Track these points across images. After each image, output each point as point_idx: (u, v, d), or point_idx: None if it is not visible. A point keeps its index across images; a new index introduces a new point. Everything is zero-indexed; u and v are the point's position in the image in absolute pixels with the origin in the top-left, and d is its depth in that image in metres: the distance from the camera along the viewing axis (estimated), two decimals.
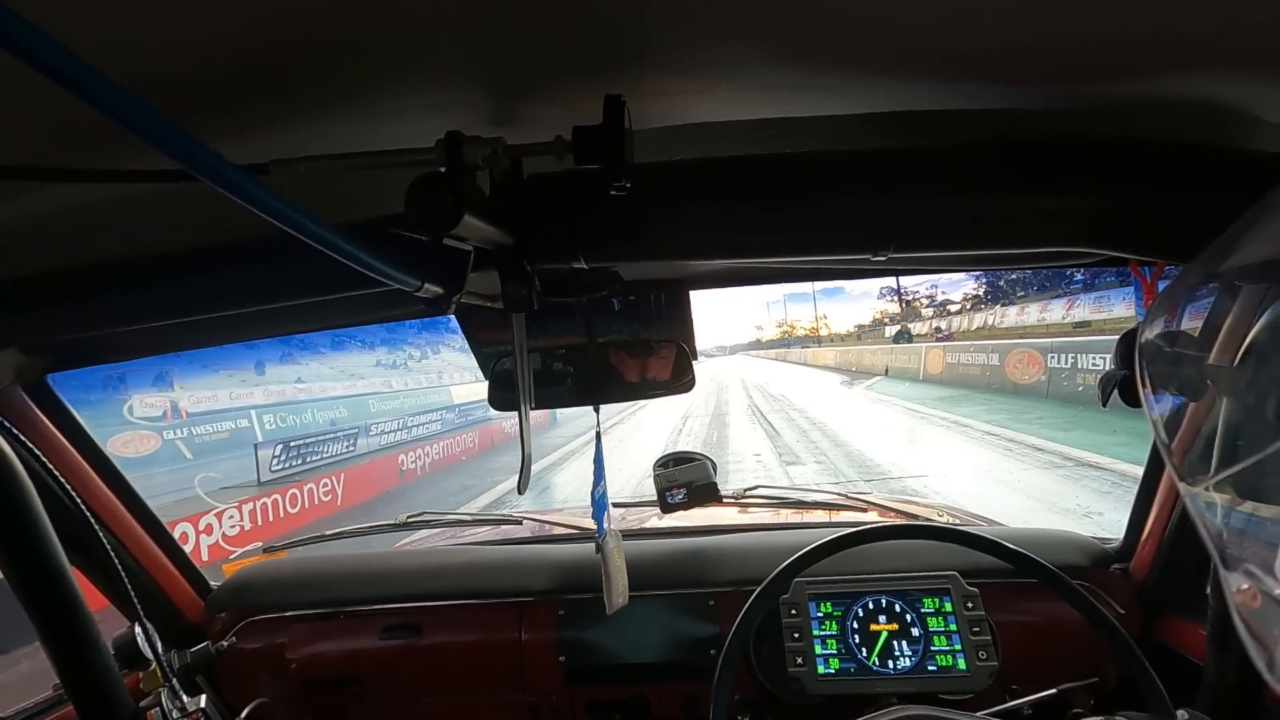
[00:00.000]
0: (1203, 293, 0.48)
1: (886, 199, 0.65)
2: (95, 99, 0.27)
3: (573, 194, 0.66)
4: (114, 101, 0.28)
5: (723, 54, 0.53)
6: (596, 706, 1.41)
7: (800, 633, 1.23)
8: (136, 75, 0.45)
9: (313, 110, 0.56)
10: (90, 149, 0.54)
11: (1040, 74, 0.57)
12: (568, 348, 1.25)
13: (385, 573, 1.54)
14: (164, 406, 15.08)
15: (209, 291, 0.78)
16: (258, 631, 1.48)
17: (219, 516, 8.08)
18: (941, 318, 43.67)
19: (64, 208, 0.65)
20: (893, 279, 40.73)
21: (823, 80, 0.58)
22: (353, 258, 0.48)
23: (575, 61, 0.53)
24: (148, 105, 0.29)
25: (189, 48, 0.44)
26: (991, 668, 1.16)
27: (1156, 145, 0.64)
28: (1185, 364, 0.49)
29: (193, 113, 0.52)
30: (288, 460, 13.06)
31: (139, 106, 0.29)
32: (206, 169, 0.34)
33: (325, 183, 0.60)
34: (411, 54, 0.50)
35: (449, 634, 1.42)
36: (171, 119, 0.31)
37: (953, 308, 46.02)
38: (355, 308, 1.01)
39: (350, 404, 19.60)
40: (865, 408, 16.67)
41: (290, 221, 0.41)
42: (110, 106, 0.28)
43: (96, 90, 0.27)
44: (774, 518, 1.79)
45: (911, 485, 7.78)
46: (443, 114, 0.59)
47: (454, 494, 10.79)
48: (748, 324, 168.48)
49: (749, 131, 0.67)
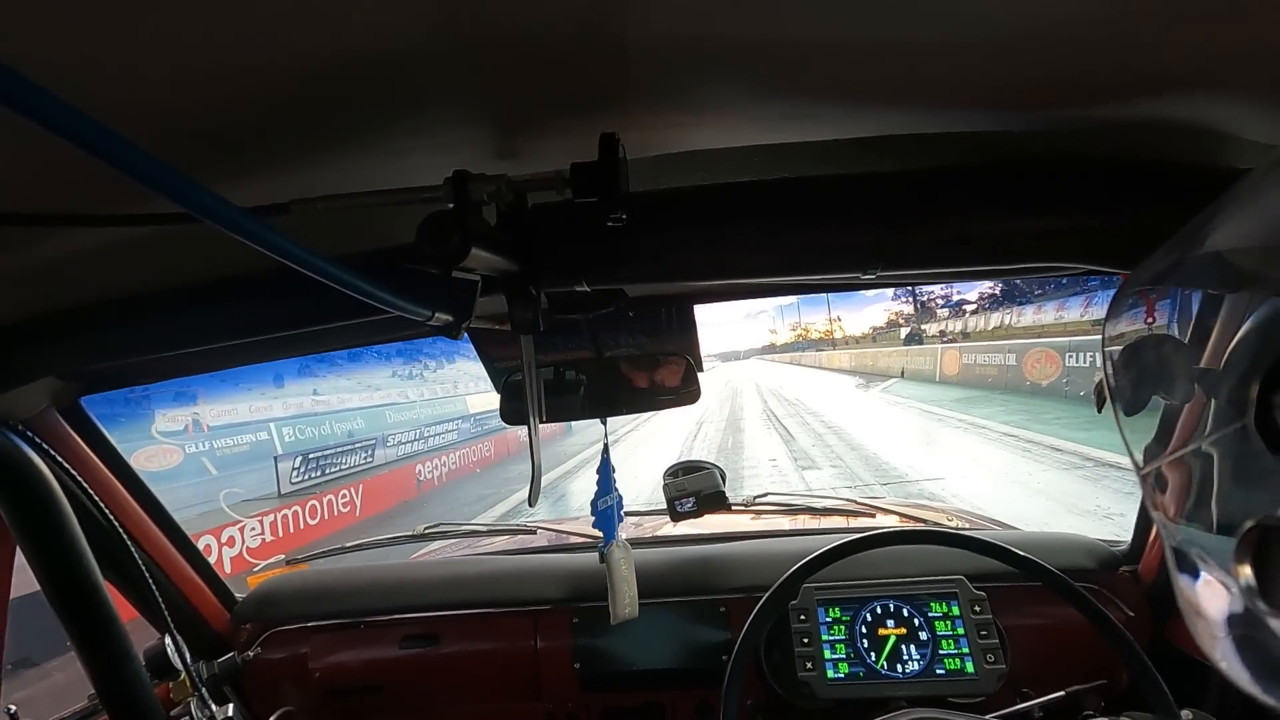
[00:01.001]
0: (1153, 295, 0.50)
1: (872, 221, 0.68)
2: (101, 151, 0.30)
3: (574, 222, 0.69)
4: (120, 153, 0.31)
5: (710, 89, 0.56)
6: (612, 713, 1.44)
7: (809, 638, 1.24)
8: (161, 124, 0.49)
9: (329, 152, 0.60)
10: (109, 195, 0.58)
11: (1021, 100, 0.60)
12: (576, 362, 1.28)
13: (404, 583, 1.58)
14: (186, 421, 15.31)
15: (230, 320, 0.82)
16: (281, 642, 1.52)
17: (241, 529, 8.19)
18: (957, 318, 43.24)
19: (94, 247, 0.69)
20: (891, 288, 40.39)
21: (809, 110, 0.61)
22: (364, 293, 0.52)
23: (572, 101, 0.57)
24: (150, 155, 0.32)
25: (210, 102, 0.48)
26: (1000, 671, 1.17)
27: (1135, 163, 0.66)
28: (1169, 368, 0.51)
29: (219, 156, 0.56)
30: (307, 472, 13.19)
31: (142, 156, 0.32)
32: (211, 213, 0.37)
33: (341, 215, 0.63)
34: (419, 99, 0.53)
35: (467, 643, 1.45)
36: (175, 167, 0.34)
37: (968, 307, 45.58)
38: (368, 330, 1.05)
39: (367, 415, 19.76)
40: (881, 410, 16.56)
41: (298, 260, 0.44)
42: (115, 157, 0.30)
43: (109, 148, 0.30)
44: (785, 524, 1.81)
45: (928, 488, 7.72)
46: (450, 152, 0.63)
47: (470, 503, 10.85)
48: (760, 328, 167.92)
49: (741, 158, 0.70)
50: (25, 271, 0.72)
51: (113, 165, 0.31)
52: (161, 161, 0.33)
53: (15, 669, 5.20)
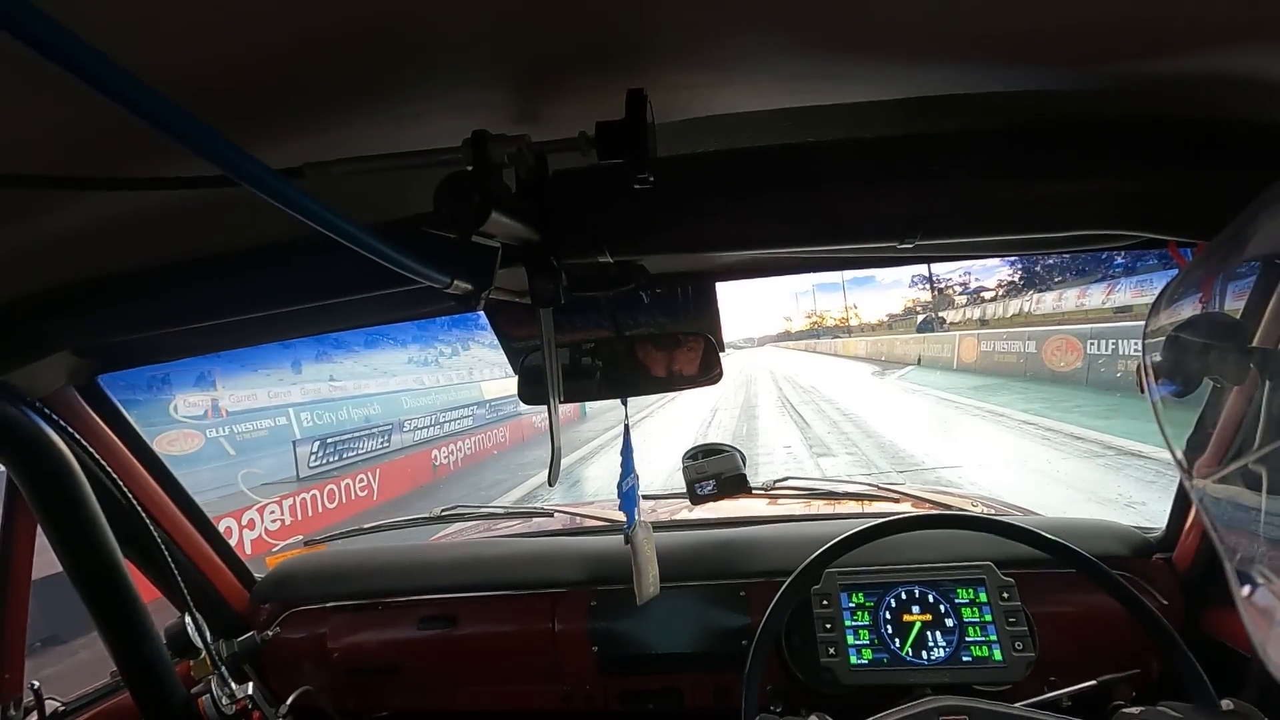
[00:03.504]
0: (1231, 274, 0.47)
1: (911, 186, 0.65)
2: (143, 110, 0.28)
3: (597, 189, 0.66)
4: (161, 112, 0.29)
5: (740, 45, 0.53)
6: (629, 696, 1.43)
7: (832, 623, 1.22)
8: (175, 85, 0.46)
9: (343, 115, 0.58)
10: (132, 158, 0.56)
11: (1067, 55, 0.56)
12: (596, 342, 1.26)
13: (421, 565, 1.58)
14: (207, 405, 15.54)
15: (248, 293, 0.80)
16: (300, 622, 1.52)
17: (261, 511, 8.31)
18: (976, 305, 42.70)
19: (108, 216, 0.68)
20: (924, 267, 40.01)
21: (842, 68, 0.58)
22: (384, 256, 0.50)
23: (596, 58, 0.54)
24: (190, 115, 0.31)
25: (225, 60, 0.46)
26: (1028, 659, 1.14)
27: (1188, 123, 0.62)
28: (1222, 350, 0.48)
29: (229, 120, 0.54)
30: (325, 456, 13.37)
31: (182, 116, 0.30)
32: (246, 174, 0.35)
33: (355, 186, 0.61)
34: (436, 58, 0.51)
35: (484, 624, 1.45)
36: (213, 127, 0.32)
37: (987, 294, 44.99)
38: (388, 306, 1.04)
39: (384, 401, 19.96)
40: (897, 398, 16.43)
41: (324, 222, 0.42)
42: (157, 117, 0.29)
43: (144, 101, 0.28)
44: (805, 509, 1.78)
45: (946, 476, 7.66)
46: (468, 114, 0.61)
47: (486, 488, 10.94)
48: (776, 315, 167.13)
49: (770, 121, 0.66)
50: (37, 243, 0.70)
51: (153, 124, 0.29)
52: (202, 122, 0.31)
53: (44, 646, 5.34)
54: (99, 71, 0.26)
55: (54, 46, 0.24)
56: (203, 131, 0.32)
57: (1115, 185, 0.63)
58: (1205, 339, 0.50)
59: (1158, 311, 0.51)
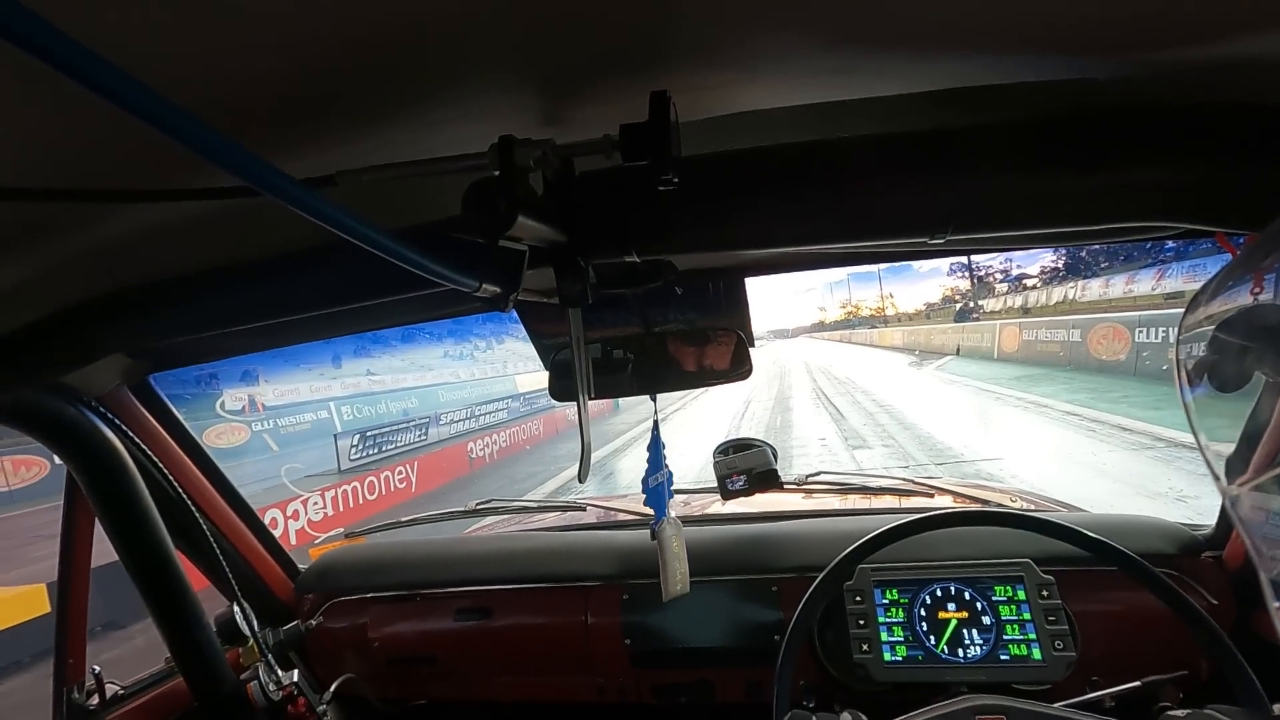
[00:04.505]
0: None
1: (942, 181, 0.63)
2: (170, 127, 0.29)
3: (623, 189, 0.67)
4: (187, 129, 0.30)
5: (763, 43, 0.52)
6: (661, 689, 1.44)
7: (865, 620, 1.21)
8: (217, 100, 0.48)
9: (374, 124, 0.59)
10: (175, 172, 0.59)
11: (1105, 42, 0.54)
12: (625, 338, 1.26)
13: (458, 558, 1.61)
14: (251, 400, 16.03)
15: (286, 296, 0.83)
16: (342, 612, 1.57)
17: (304, 503, 8.57)
18: (1017, 292, 41.45)
19: (156, 225, 0.71)
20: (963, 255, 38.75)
21: (870, 62, 0.57)
22: (413, 263, 0.51)
23: (619, 61, 0.54)
24: (217, 132, 0.32)
25: (265, 76, 0.47)
26: (1069, 658, 1.12)
27: (1234, 109, 0.59)
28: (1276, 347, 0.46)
29: (266, 131, 0.56)
30: (365, 449, 13.69)
31: (210, 133, 0.31)
32: (271, 186, 0.36)
33: (386, 190, 0.63)
34: (463, 66, 0.51)
35: (518, 616, 1.48)
36: (239, 144, 0.33)
37: (1029, 282, 43.65)
38: (419, 306, 1.06)
39: (421, 394, 20.32)
40: (935, 389, 16.11)
41: (351, 231, 0.43)
42: (184, 134, 0.30)
43: (170, 119, 0.29)
44: (838, 504, 1.77)
45: (986, 469, 7.49)
46: (494, 119, 0.61)
47: (521, 480, 11.08)
48: (810, 306, 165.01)
49: (797, 118, 0.66)
50: (93, 251, 0.74)
51: (178, 140, 0.30)
52: (224, 136, 0.32)
53: (104, 630, 5.59)
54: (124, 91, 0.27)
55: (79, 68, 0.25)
56: (229, 148, 0.33)
57: (1158, 175, 0.61)
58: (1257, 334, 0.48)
59: (1198, 306, 0.49)
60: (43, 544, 8.79)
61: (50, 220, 0.65)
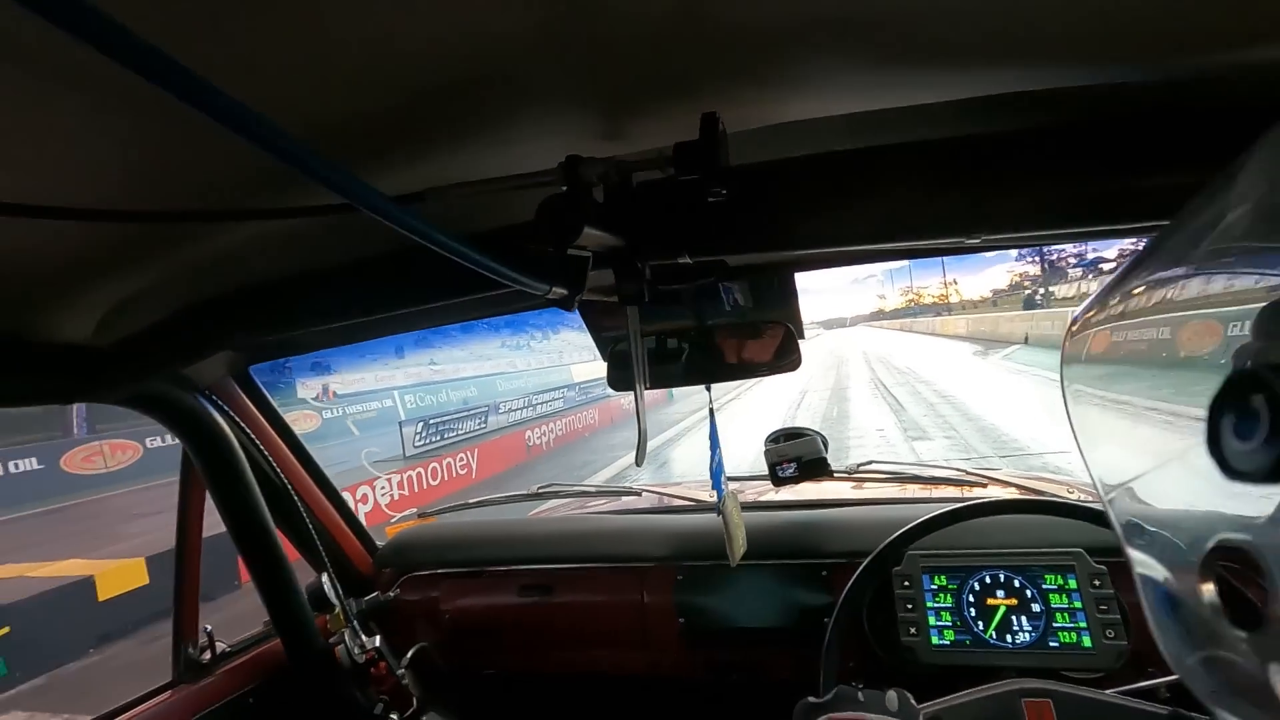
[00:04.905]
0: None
1: (979, 184, 0.66)
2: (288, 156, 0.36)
3: (677, 198, 0.72)
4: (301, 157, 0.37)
5: (809, 62, 0.57)
6: (713, 666, 1.50)
7: (914, 604, 1.24)
8: (324, 127, 0.56)
9: (455, 144, 0.67)
10: (282, 191, 0.68)
11: (1147, 46, 0.56)
12: (679, 331, 1.32)
13: (521, 538, 1.71)
14: (324, 389, 16.80)
15: (372, 296, 0.92)
16: (416, 585, 1.69)
17: (372, 485, 8.99)
18: (1091, 278, 39.26)
19: (259, 236, 0.80)
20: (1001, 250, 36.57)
21: (910, 75, 0.61)
22: (490, 269, 0.58)
23: (673, 83, 0.59)
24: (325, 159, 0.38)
25: (365, 107, 0.55)
26: (1120, 647, 1.12)
27: (1269, 112, 0.60)
28: None
29: (364, 153, 0.64)
30: (428, 436, 14.17)
31: (321, 161, 0.38)
32: (373, 205, 0.43)
33: (465, 201, 0.70)
34: (533, 93, 0.58)
35: (578, 594, 1.56)
36: (343, 167, 0.40)
37: (1106, 265, 41.20)
38: (491, 304, 1.15)
39: (480, 384, 20.83)
40: (1001, 379, 15.54)
41: (438, 242, 0.50)
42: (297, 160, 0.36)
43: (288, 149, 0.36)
44: (888, 492, 1.79)
45: (1053, 462, 7.22)
46: (559, 136, 0.68)
47: (577, 468, 11.28)
48: (868, 294, 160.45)
49: (839, 127, 0.70)
50: (205, 260, 0.84)
51: (291, 165, 0.36)
52: (332, 162, 0.39)
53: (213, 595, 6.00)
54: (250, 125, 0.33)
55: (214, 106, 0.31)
56: (336, 172, 0.39)
57: (1194, 177, 0.62)
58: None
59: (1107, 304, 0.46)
60: (138, 521, 9.52)
61: (175, 235, 0.75)
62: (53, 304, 0.85)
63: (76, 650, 5.58)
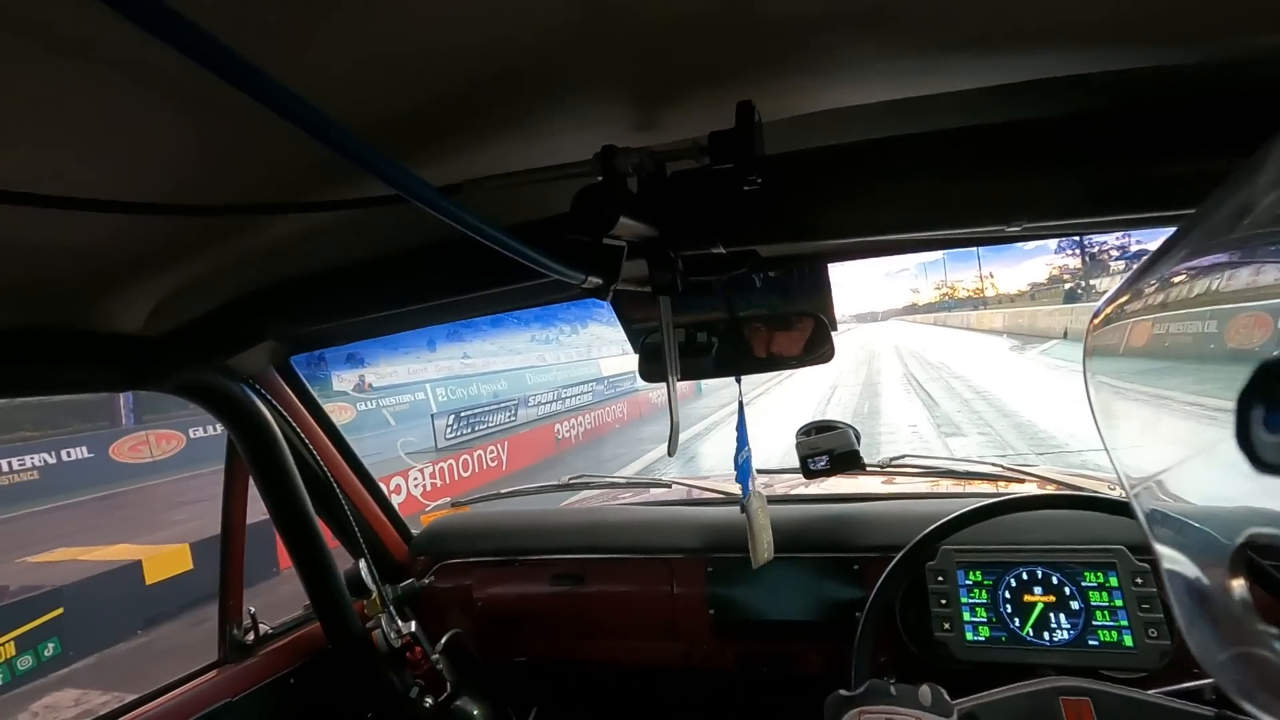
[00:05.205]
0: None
1: (1016, 171, 0.65)
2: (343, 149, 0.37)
3: (711, 187, 0.72)
4: (355, 149, 0.38)
5: (844, 51, 0.57)
6: (744, 658, 1.50)
7: (948, 599, 1.23)
8: (365, 118, 0.58)
9: (492, 136, 0.68)
10: (325, 183, 0.69)
11: (1191, 28, 0.55)
12: (710, 323, 1.32)
13: (553, 528, 1.73)
14: (360, 380, 17.13)
15: (411, 288, 0.94)
16: (450, 573, 1.73)
17: (405, 476, 9.16)
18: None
19: (308, 228, 0.83)
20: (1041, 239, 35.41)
21: (945, 62, 0.60)
22: (529, 258, 0.59)
23: (708, 73, 0.60)
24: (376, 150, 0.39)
25: (407, 102, 0.57)
26: (1163, 646, 1.09)
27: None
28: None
29: (404, 145, 0.66)
30: (459, 429, 14.35)
31: (372, 152, 0.39)
32: (419, 195, 0.44)
33: (502, 192, 0.72)
34: (570, 82, 0.59)
35: (609, 584, 1.58)
36: (393, 159, 0.41)
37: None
38: (528, 294, 1.16)
39: (509, 377, 21.00)
40: (1039, 374, 15.17)
41: (480, 232, 0.51)
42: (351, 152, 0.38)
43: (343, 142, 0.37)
44: (921, 487, 1.77)
45: (1093, 459, 7.03)
46: (594, 127, 0.69)
47: (606, 461, 11.33)
48: (901, 288, 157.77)
49: (874, 115, 0.69)
50: (249, 254, 0.87)
51: (342, 155, 0.38)
52: (383, 154, 0.40)
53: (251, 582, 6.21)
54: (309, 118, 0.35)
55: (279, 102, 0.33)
56: (387, 164, 0.40)
57: (1234, 162, 0.60)
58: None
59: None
60: (182, 509, 9.85)
61: (226, 228, 0.78)
62: (108, 295, 0.89)
63: (125, 632, 5.82)
